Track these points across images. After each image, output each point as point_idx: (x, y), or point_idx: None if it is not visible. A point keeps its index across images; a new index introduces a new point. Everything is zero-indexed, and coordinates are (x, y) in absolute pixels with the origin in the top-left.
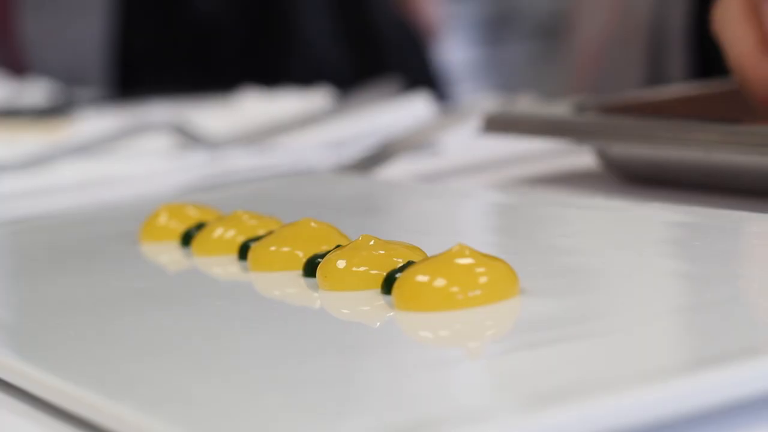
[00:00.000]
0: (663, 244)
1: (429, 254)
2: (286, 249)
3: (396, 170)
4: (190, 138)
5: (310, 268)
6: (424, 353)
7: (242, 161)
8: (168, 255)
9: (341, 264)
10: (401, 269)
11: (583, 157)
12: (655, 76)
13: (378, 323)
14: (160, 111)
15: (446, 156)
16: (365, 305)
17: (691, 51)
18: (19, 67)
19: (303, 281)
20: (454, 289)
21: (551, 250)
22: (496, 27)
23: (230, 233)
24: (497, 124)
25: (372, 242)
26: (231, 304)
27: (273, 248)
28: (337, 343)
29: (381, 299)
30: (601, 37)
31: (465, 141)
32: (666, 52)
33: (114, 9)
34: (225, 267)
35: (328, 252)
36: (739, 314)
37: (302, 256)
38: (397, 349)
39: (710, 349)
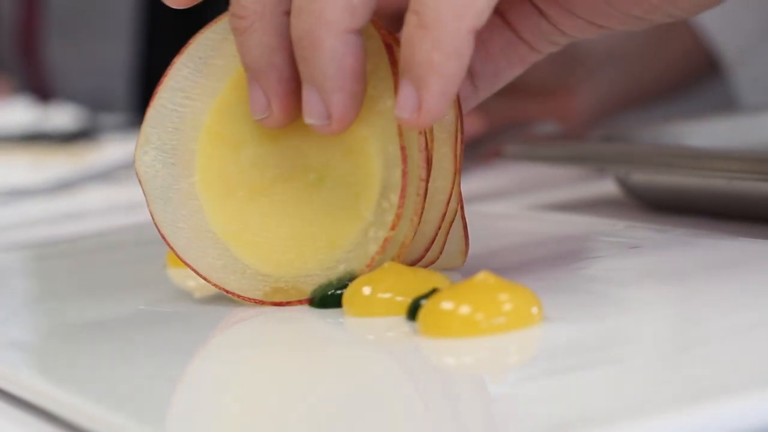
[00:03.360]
0: (688, 272)
1: (453, 281)
2: None
3: None
4: None
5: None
6: (448, 380)
7: None
8: (195, 280)
9: (367, 291)
10: (426, 296)
11: (602, 184)
12: None
13: (402, 349)
14: None
15: (465, 181)
16: (390, 331)
17: None
18: (45, 92)
19: None
20: (479, 316)
21: (575, 277)
22: None
23: None
24: (518, 152)
25: (397, 269)
26: (258, 330)
27: None
28: (362, 368)
29: (406, 326)
30: None
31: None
32: None
33: (139, 35)
34: None
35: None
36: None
37: None
38: (422, 375)
39: (736, 377)
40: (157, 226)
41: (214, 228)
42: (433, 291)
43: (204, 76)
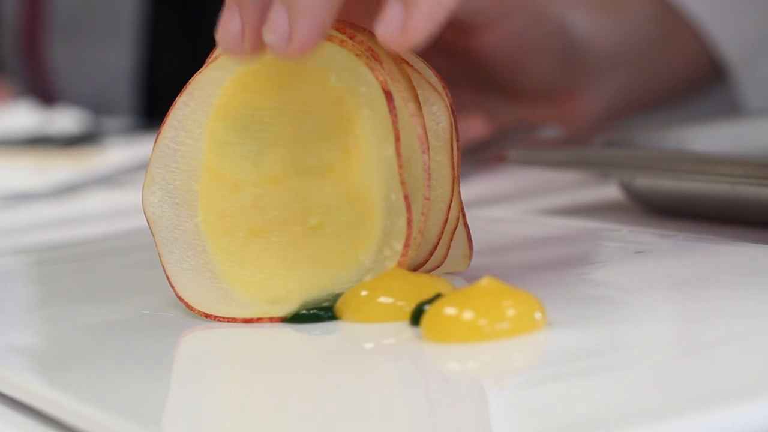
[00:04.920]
0: (692, 277)
1: (457, 286)
2: None
3: None
4: None
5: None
6: (452, 385)
7: None
8: None
9: (368, 296)
10: (430, 301)
11: (606, 188)
12: None
13: (406, 354)
14: None
15: (469, 186)
16: (394, 337)
17: None
18: (48, 95)
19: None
20: (482, 321)
21: (579, 282)
22: None
23: None
24: (522, 156)
25: (400, 274)
26: (260, 336)
27: None
28: (366, 373)
29: (409, 331)
30: None
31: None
32: None
33: (142, 38)
34: None
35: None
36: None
37: None
38: (425, 380)
39: (741, 382)
40: (164, 268)
41: (215, 269)
42: (437, 296)
43: (204, 115)
